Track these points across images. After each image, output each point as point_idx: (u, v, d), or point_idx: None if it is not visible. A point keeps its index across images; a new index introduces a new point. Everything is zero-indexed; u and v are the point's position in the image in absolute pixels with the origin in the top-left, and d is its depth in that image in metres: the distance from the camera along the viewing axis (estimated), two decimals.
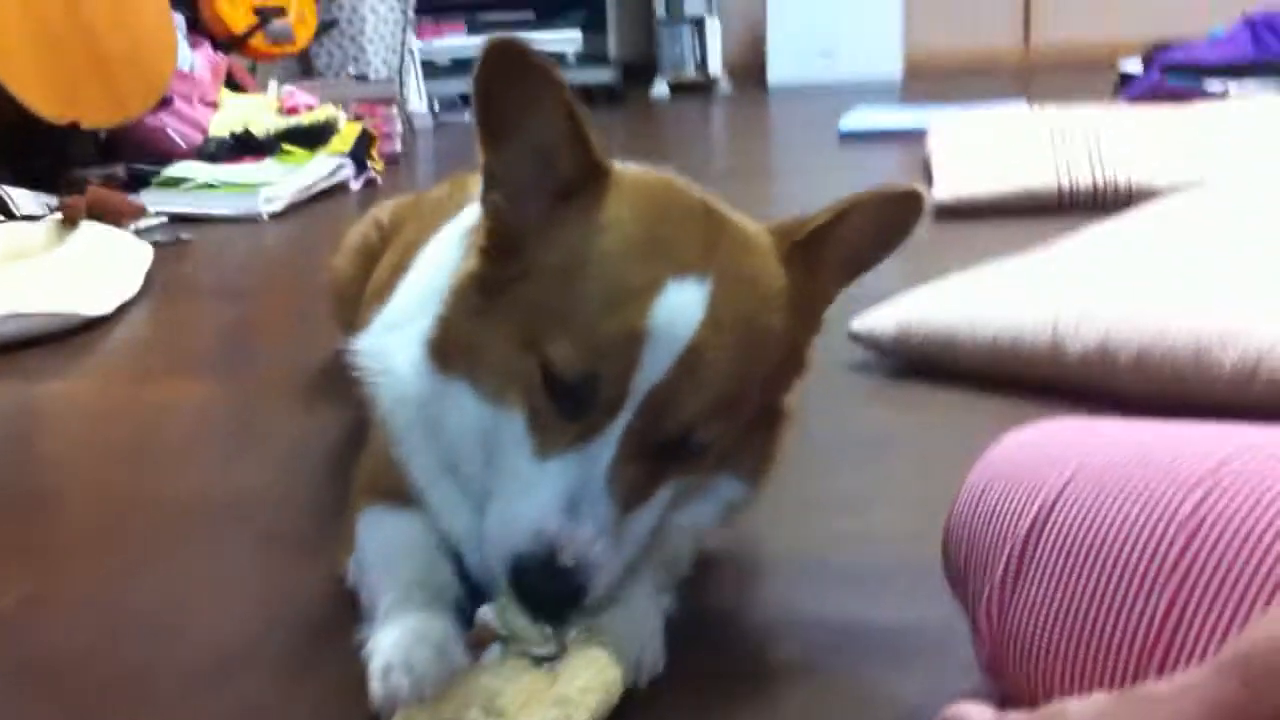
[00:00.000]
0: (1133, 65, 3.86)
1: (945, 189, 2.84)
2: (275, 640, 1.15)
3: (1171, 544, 0.80)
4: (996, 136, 3.06)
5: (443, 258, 1.18)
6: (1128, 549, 0.82)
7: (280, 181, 3.35)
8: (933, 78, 5.63)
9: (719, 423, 1.01)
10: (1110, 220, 2.19)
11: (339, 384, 1.47)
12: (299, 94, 3.93)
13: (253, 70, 4.36)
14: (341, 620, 1.10)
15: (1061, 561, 0.85)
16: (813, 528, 1.36)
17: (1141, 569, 0.81)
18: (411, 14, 5.01)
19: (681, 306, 0.97)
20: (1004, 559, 0.90)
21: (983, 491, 0.96)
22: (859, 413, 1.73)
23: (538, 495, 0.98)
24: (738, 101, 5.56)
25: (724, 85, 5.80)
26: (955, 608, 0.97)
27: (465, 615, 1.06)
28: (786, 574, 1.27)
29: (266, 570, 1.30)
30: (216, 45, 4.12)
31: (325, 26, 4.43)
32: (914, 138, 3.53)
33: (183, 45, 3.89)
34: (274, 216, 3.24)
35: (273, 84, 4.09)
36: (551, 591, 0.97)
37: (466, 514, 1.10)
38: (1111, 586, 0.82)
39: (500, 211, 1.04)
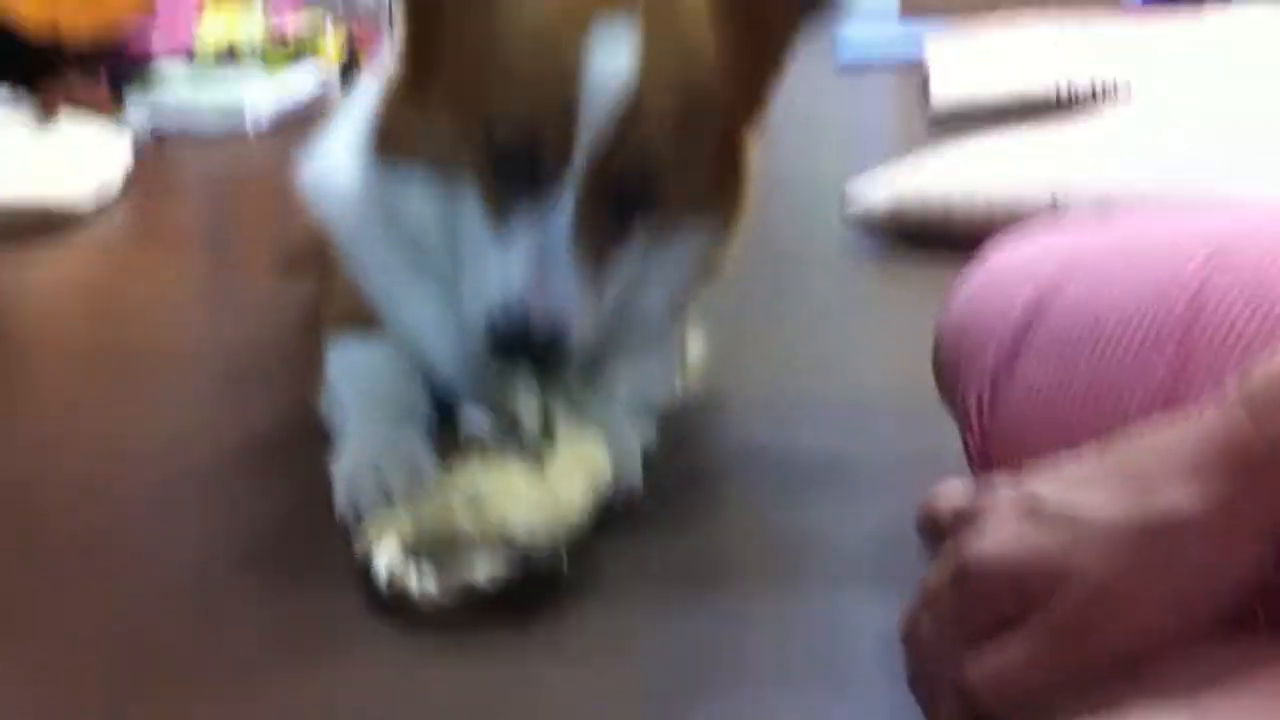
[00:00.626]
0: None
1: (941, 96, 2.80)
2: (241, 459, 1.12)
3: (1175, 302, 0.76)
4: (994, 44, 3.02)
5: (373, 84, 1.14)
6: (1130, 315, 0.78)
7: (266, 95, 3.29)
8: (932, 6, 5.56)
9: (669, 165, 0.98)
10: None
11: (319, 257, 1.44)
12: (284, 6, 3.85)
13: None
14: (311, 443, 1.06)
15: (1058, 341, 0.82)
16: (789, 379, 1.33)
17: (1144, 331, 0.77)
18: None
19: (612, 42, 0.94)
20: (997, 343, 0.86)
21: (979, 286, 0.93)
22: (849, 281, 1.69)
23: (502, 262, 0.96)
24: None
25: None
26: (938, 440, 0.93)
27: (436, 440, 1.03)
28: (758, 413, 1.24)
29: (237, 404, 1.27)
30: None
31: None
32: (911, 69, 3.47)
33: None
34: (259, 134, 3.18)
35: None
36: (530, 342, 0.95)
37: (433, 308, 1.07)
38: (1111, 353, 0.78)
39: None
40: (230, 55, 3.47)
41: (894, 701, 0.76)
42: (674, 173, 0.99)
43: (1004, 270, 0.90)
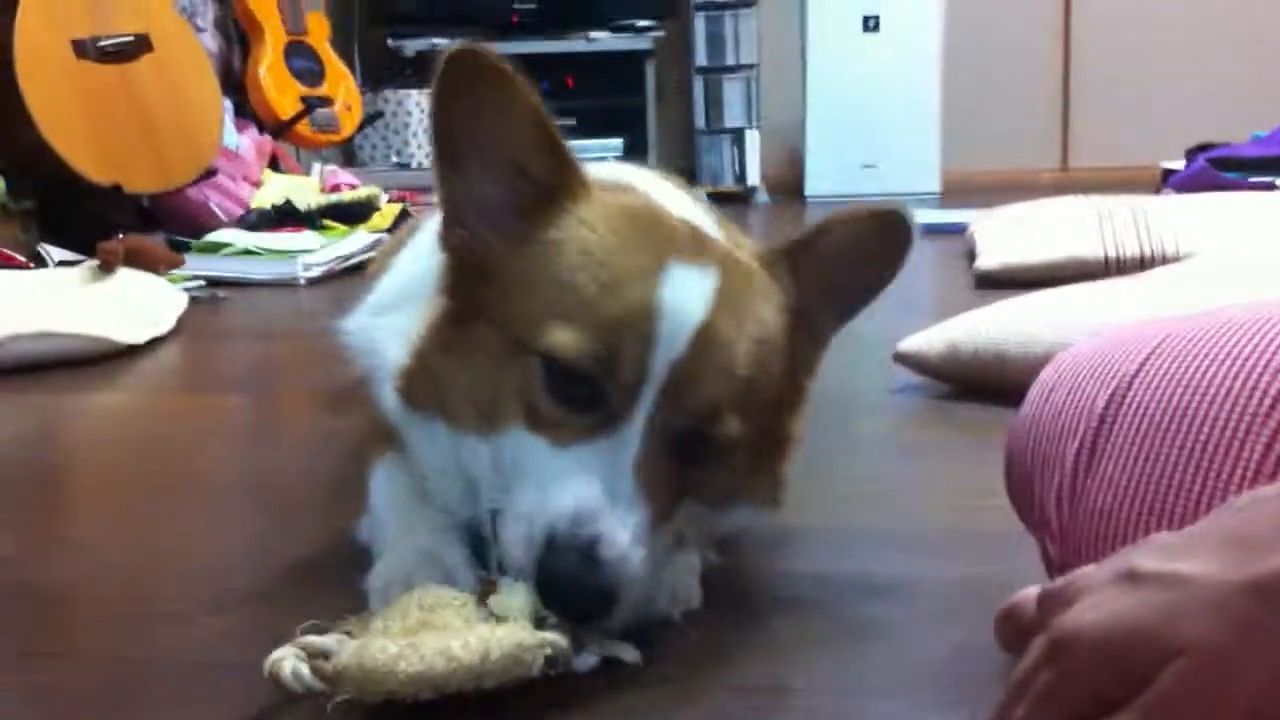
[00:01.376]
0: (1175, 163, 3.85)
1: (990, 258, 2.81)
2: (276, 579, 1.10)
3: (1267, 389, 0.73)
4: (1043, 214, 3.04)
5: (424, 246, 1.13)
6: (1218, 403, 0.76)
7: (319, 250, 3.36)
8: (971, 194, 5.66)
9: (738, 417, 0.95)
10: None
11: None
12: (341, 174, 3.97)
13: (297, 157, 4.42)
14: (352, 569, 1.03)
15: (1142, 431, 0.79)
16: (851, 514, 1.30)
17: (1235, 418, 0.74)
18: None
19: (689, 284, 0.93)
20: (1077, 441, 0.83)
21: (1051, 389, 0.90)
22: (904, 428, 1.67)
23: (569, 479, 0.89)
24: (775, 210, 5.59)
25: (762, 195, 5.84)
26: (1000, 567, 0.90)
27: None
28: (820, 542, 1.21)
29: (277, 531, 1.26)
30: (262, 131, 4.18)
31: (371, 118, 4.51)
32: (957, 234, 3.51)
33: (229, 127, 3.94)
34: (310, 283, 3.23)
35: (316, 166, 4.14)
36: (583, 586, 0.86)
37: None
38: (1201, 441, 0.75)
39: (464, 246, 0.99)
40: (286, 214, 3.55)
41: None
42: (741, 426, 0.95)
43: (1077, 368, 0.88)
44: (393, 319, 1.10)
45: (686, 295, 0.92)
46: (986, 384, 1.69)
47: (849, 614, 1.03)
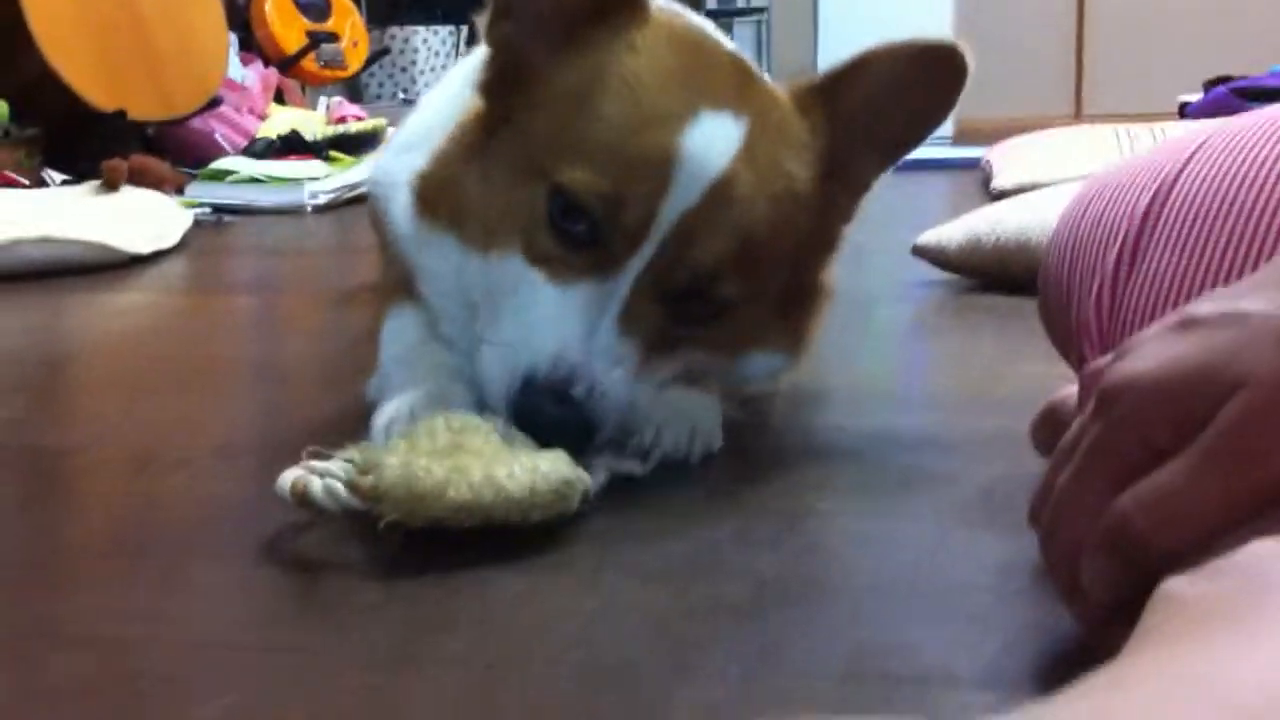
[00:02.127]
0: (1193, 96, 3.79)
1: (1006, 178, 2.76)
2: (281, 432, 1.07)
3: None
4: (1061, 137, 2.99)
5: (454, 85, 1.11)
6: (1269, 187, 0.72)
7: (325, 178, 3.31)
8: (983, 139, 5.60)
9: (740, 279, 0.91)
10: None
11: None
12: (347, 106, 3.92)
13: (303, 92, 4.37)
14: (357, 425, 1.00)
15: (1188, 223, 0.76)
16: (874, 375, 1.27)
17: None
18: (464, 45, 5.04)
19: (716, 135, 0.89)
20: (1119, 244, 0.80)
21: (1090, 200, 0.87)
22: (924, 315, 1.63)
23: (555, 319, 0.88)
24: None
25: None
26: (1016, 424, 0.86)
27: None
28: (838, 402, 1.17)
29: (286, 396, 1.25)
30: (268, 65, 4.13)
31: (377, 55, 4.46)
32: (971, 168, 3.46)
33: (234, 60, 3.90)
34: (317, 210, 3.19)
35: (322, 100, 4.09)
36: (559, 421, 0.86)
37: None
38: (1254, 224, 0.72)
39: (510, 42, 0.95)
40: (292, 144, 3.51)
41: (1005, 623, 0.67)
42: (744, 287, 0.93)
43: (1118, 178, 0.85)
44: (414, 156, 1.06)
45: (710, 145, 0.88)
46: (1009, 275, 1.65)
47: (877, 458, 1.00)
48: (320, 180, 3.28)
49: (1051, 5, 5.99)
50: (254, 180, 3.27)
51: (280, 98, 4.07)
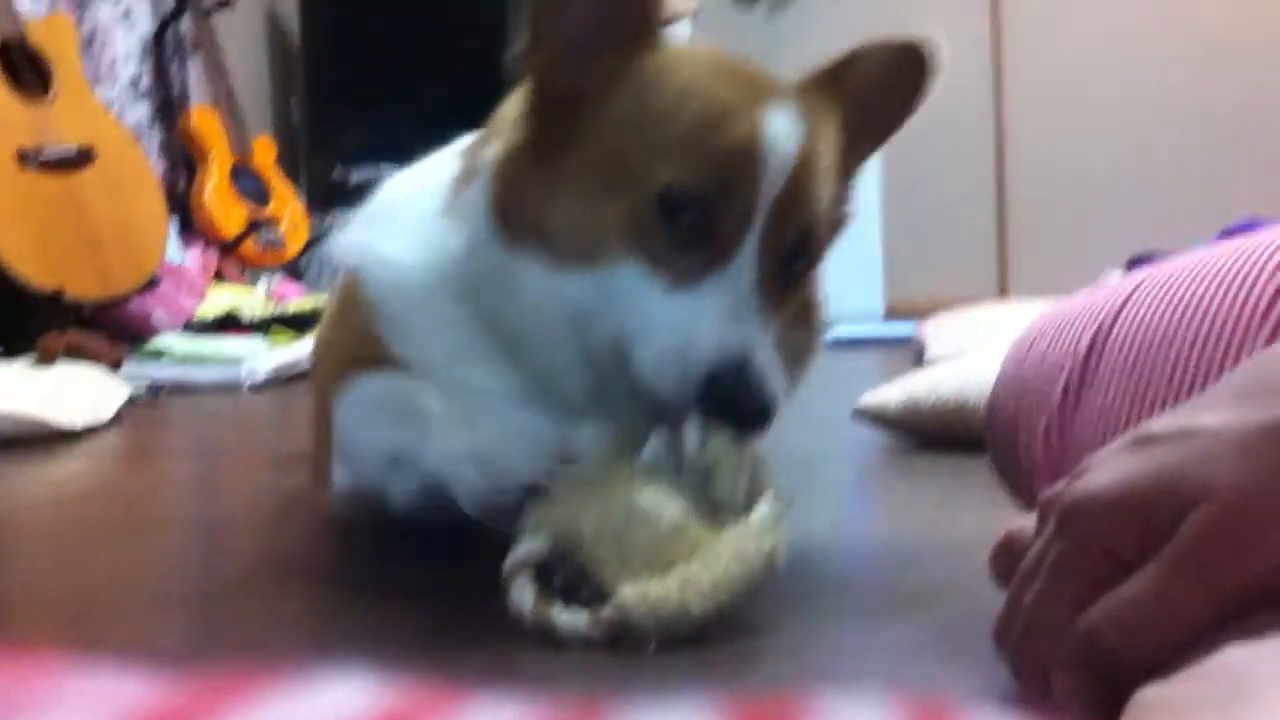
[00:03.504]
0: (1116, 274, 3.91)
1: (941, 348, 2.82)
2: (217, 581, 1.03)
3: (1263, 291, 0.72)
4: (990, 311, 3.07)
5: (434, 166, 1.14)
6: (1209, 315, 0.74)
7: (264, 356, 3.31)
8: (913, 315, 5.73)
9: (824, 235, 1.02)
10: None
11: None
12: (289, 284, 3.94)
13: (242, 274, 4.39)
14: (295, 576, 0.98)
15: (1130, 357, 0.78)
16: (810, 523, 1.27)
17: (1230, 323, 0.73)
18: None
19: (786, 122, 0.98)
20: (1063, 381, 0.82)
21: (1032, 341, 0.89)
22: (866, 472, 1.64)
23: (703, 316, 0.93)
24: None
25: None
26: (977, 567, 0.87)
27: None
28: None
29: (223, 549, 1.20)
30: (208, 246, 4.16)
31: (317, 239, 4.50)
32: (903, 344, 3.53)
33: (174, 242, 3.92)
34: (255, 388, 3.17)
35: (262, 280, 4.11)
36: (751, 403, 0.91)
37: (499, 405, 1.01)
38: (1197, 350, 0.74)
39: (549, 72, 1.01)
40: (230, 323, 3.51)
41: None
42: (827, 241, 1.05)
43: (1058, 319, 0.87)
44: (389, 226, 1.09)
45: (786, 130, 0.97)
46: (949, 435, 1.67)
47: (829, 604, 0.98)
48: (258, 358, 3.27)
49: (974, 187, 6.20)
50: (191, 358, 3.26)
51: (220, 279, 4.08)
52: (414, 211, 1.08)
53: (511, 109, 1.05)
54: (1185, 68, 5.84)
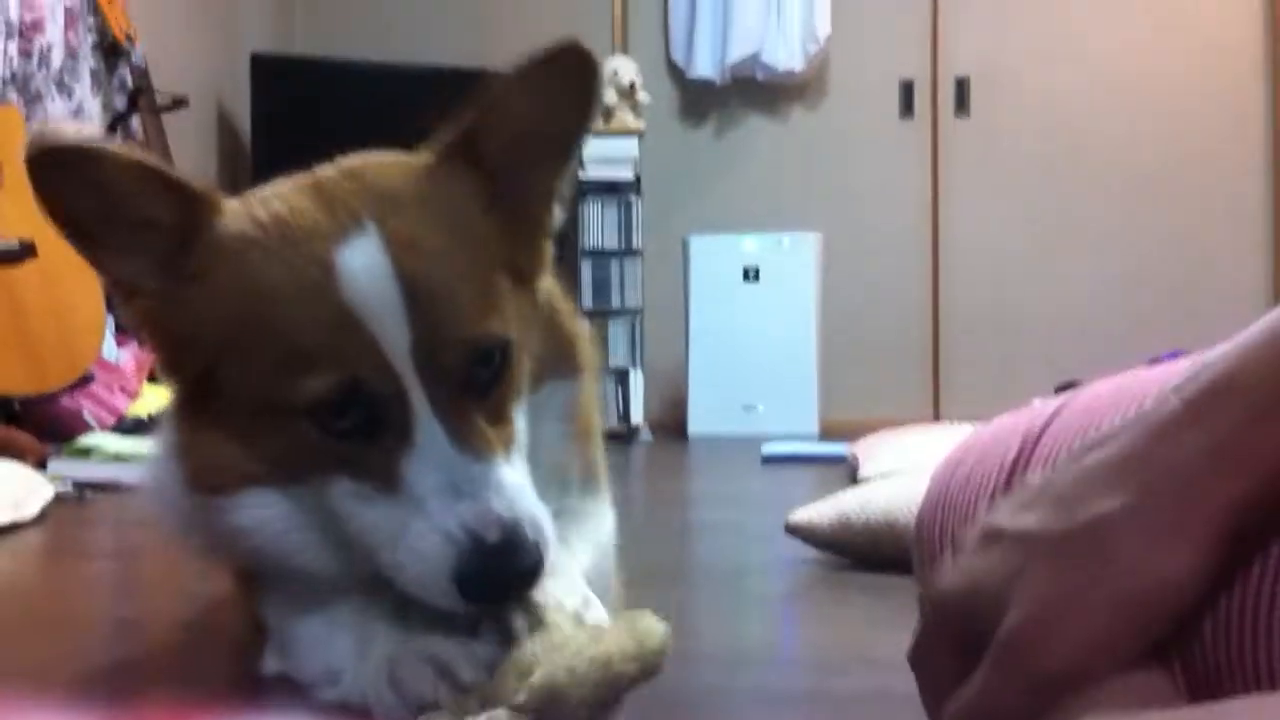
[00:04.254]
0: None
1: (871, 467, 2.85)
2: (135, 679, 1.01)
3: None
4: (922, 431, 3.11)
5: None
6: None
7: None
8: (847, 437, 5.78)
9: (492, 323, 0.92)
10: None
11: None
12: None
13: None
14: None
15: (1055, 462, 0.79)
16: (745, 635, 1.27)
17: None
18: None
19: (364, 260, 0.88)
20: (990, 495, 0.83)
21: (957, 463, 0.91)
22: (796, 587, 1.64)
23: (417, 515, 0.87)
24: (659, 448, 5.62)
25: (645, 434, 5.88)
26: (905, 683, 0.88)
27: None
28: (714, 658, 1.16)
29: (144, 652, 1.17)
30: (143, 345, 4.12)
31: None
32: (837, 462, 3.57)
33: (110, 341, 3.89)
34: None
35: None
36: (508, 576, 0.86)
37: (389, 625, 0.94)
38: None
39: (147, 316, 0.95)
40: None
41: None
42: (499, 323, 0.93)
43: (982, 441, 0.89)
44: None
45: (370, 276, 0.87)
46: (879, 553, 1.69)
47: (758, 716, 0.99)
48: None
49: (908, 312, 6.31)
50: (119, 457, 3.22)
51: (154, 379, 4.05)
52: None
53: None
54: (1119, 204, 6.02)
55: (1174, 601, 0.58)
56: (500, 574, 0.86)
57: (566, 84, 0.96)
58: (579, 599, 0.89)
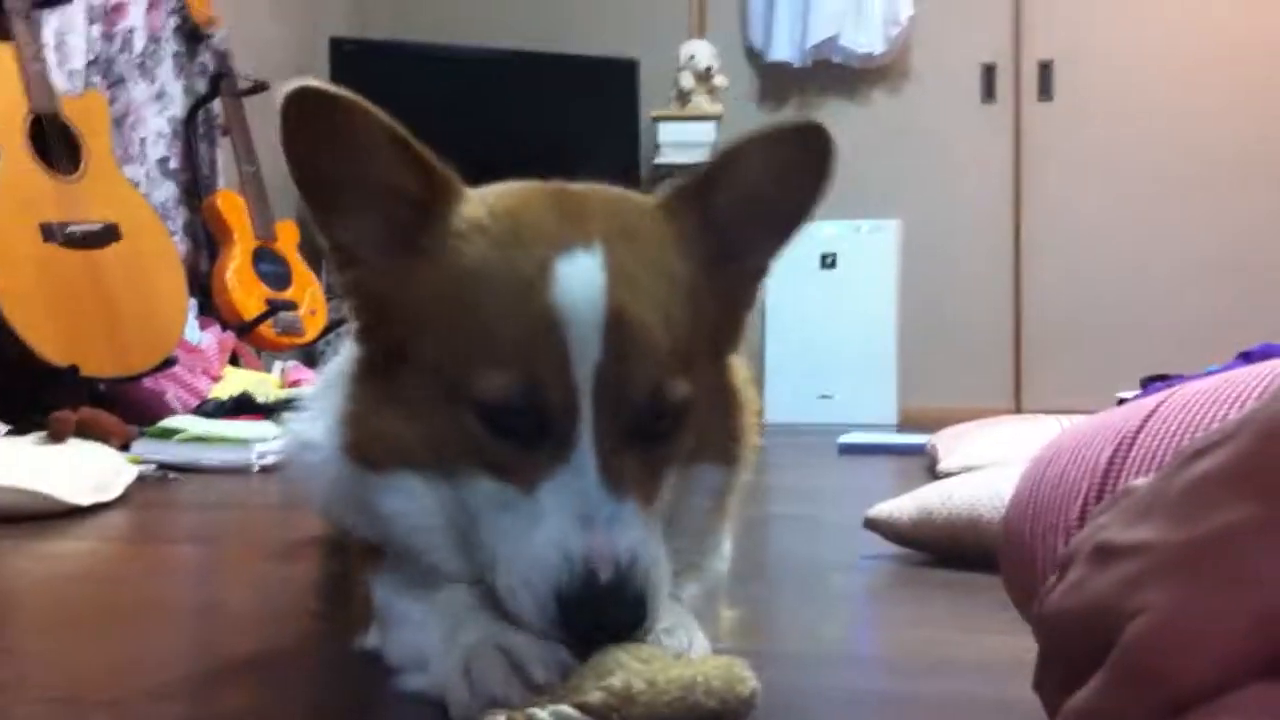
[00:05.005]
0: (1131, 393, 3.90)
1: (953, 461, 2.80)
2: (215, 674, 1.02)
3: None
4: (1004, 423, 3.06)
5: (345, 349, 1.10)
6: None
7: (275, 439, 3.30)
8: (927, 428, 5.71)
9: (680, 377, 0.91)
10: None
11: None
12: (302, 370, 3.95)
13: (259, 357, 4.40)
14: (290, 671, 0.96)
15: (1150, 472, 0.76)
16: (829, 636, 1.24)
17: None
18: None
19: (581, 275, 0.88)
20: (1081, 500, 0.81)
21: (1049, 461, 0.88)
22: (876, 585, 1.62)
23: (544, 528, 0.86)
24: None
25: None
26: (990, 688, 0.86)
27: None
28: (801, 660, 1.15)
29: (223, 640, 1.22)
30: (225, 329, 4.18)
31: (335, 324, 4.52)
32: (916, 453, 3.52)
33: (193, 323, 3.94)
34: (265, 470, 3.16)
35: (277, 364, 4.12)
36: (610, 616, 0.85)
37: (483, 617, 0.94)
38: None
39: (361, 284, 0.96)
40: (244, 406, 3.51)
41: None
42: (685, 386, 0.92)
43: (1076, 438, 0.86)
44: (312, 412, 1.07)
45: (581, 290, 0.87)
46: (960, 550, 1.65)
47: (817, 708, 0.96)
48: (269, 441, 3.26)
49: (990, 300, 6.21)
50: (201, 439, 3.26)
51: (235, 361, 4.10)
52: (325, 398, 1.04)
53: None
54: (1207, 189, 5.88)
55: None
56: (598, 612, 0.85)
57: (804, 159, 0.98)
58: (684, 637, 0.88)
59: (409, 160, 0.94)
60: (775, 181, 0.98)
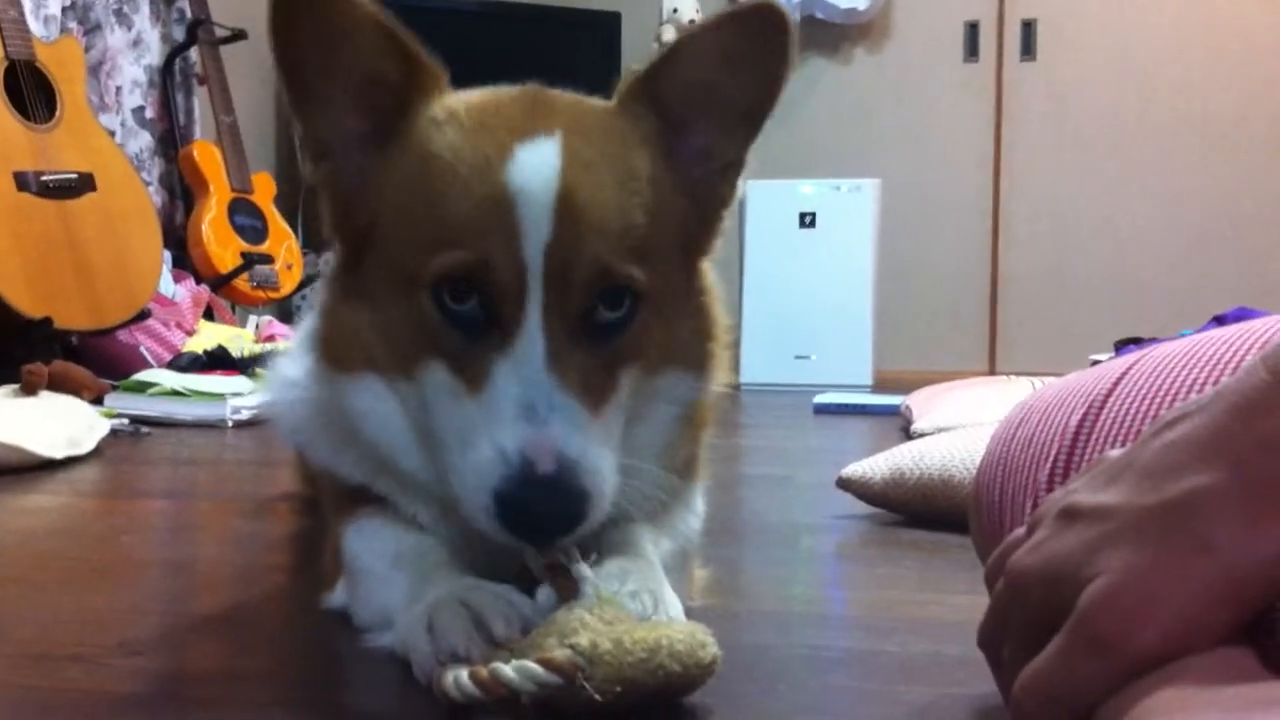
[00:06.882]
0: (1103, 355, 3.92)
1: (927, 421, 2.81)
2: (186, 630, 1.01)
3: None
4: (978, 385, 3.07)
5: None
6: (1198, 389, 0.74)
7: (249, 394, 3.29)
8: (901, 390, 5.72)
9: (635, 264, 0.90)
10: None
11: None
12: (278, 325, 3.93)
13: (233, 310, 4.38)
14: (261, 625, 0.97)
15: (1121, 438, 0.77)
16: (797, 597, 1.25)
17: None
18: None
19: (537, 160, 0.89)
20: (1050, 463, 0.81)
21: (1019, 423, 0.88)
22: (847, 545, 1.63)
23: (487, 426, 0.86)
24: None
25: None
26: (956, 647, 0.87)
27: None
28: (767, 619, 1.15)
29: (194, 596, 1.24)
30: (200, 282, 4.15)
31: (311, 279, 4.50)
32: (890, 414, 3.53)
33: (167, 276, 3.91)
34: (239, 425, 3.15)
35: (252, 319, 4.10)
36: (549, 508, 0.84)
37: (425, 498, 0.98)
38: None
39: (334, 177, 0.97)
40: (218, 359, 3.49)
41: None
42: (639, 272, 0.91)
43: (1045, 401, 0.87)
44: (291, 357, 1.09)
45: (535, 172, 0.88)
46: (932, 510, 1.66)
47: (807, 677, 0.97)
48: (243, 396, 3.25)
49: (967, 262, 6.22)
50: (175, 393, 3.24)
51: (210, 315, 4.08)
52: (305, 348, 1.07)
53: None
54: (1187, 155, 5.89)
55: (1271, 581, 0.56)
56: (539, 507, 0.84)
57: (755, 43, 0.95)
58: (649, 600, 0.88)
59: (393, 48, 0.95)
60: (727, 67, 0.96)
